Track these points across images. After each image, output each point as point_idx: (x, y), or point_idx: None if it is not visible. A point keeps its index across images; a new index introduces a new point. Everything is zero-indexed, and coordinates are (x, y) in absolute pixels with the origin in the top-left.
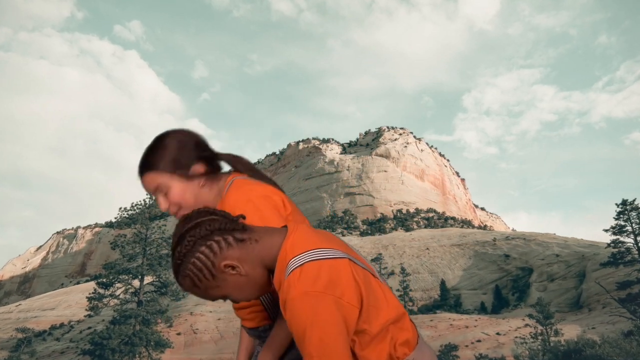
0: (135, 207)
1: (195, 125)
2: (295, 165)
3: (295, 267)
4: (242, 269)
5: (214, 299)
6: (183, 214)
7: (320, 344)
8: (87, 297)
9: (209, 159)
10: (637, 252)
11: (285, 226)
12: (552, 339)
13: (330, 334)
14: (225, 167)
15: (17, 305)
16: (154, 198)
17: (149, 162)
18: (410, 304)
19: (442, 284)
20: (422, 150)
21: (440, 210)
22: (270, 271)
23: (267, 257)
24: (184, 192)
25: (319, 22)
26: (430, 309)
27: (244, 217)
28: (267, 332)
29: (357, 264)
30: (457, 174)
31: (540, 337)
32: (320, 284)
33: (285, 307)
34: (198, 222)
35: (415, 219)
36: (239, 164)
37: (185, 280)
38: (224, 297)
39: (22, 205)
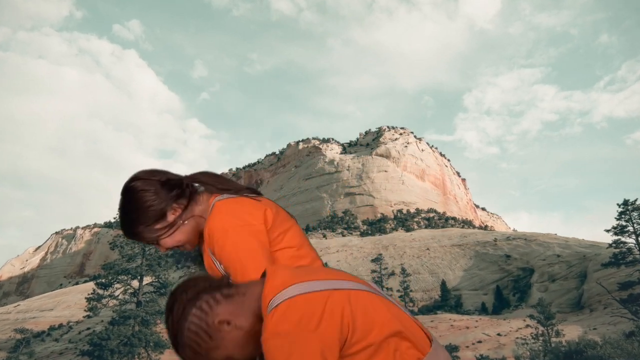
0: None
1: (194, 125)
2: (295, 165)
3: (271, 309)
4: (237, 323)
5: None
6: (186, 248)
7: None
8: (86, 298)
9: (180, 191)
10: (638, 253)
11: (264, 273)
12: (554, 339)
13: None
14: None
15: (15, 306)
16: None
17: (127, 228)
18: (411, 304)
19: (443, 284)
20: (422, 150)
21: (440, 210)
22: None
23: (257, 308)
24: (172, 238)
25: (319, 22)
26: (430, 309)
27: (228, 277)
28: None
29: (343, 289)
30: (458, 174)
31: (541, 338)
32: (291, 322)
33: (263, 351)
34: (183, 289)
35: (416, 219)
36: (209, 182)
37: (186, 351)
38: (227, 358)
39: (21, 205)
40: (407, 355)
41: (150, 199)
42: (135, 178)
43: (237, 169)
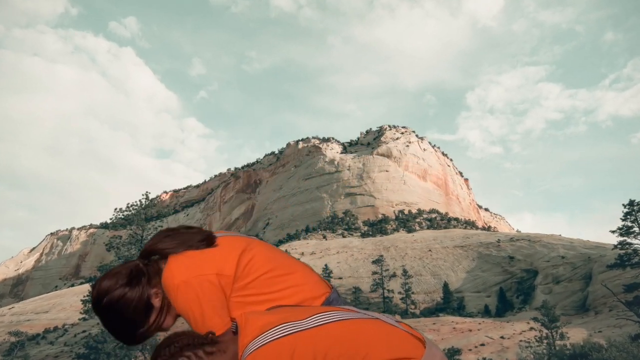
0: (131, 208)
1: (192, 124)
2: (295, 165)
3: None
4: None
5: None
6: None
7: None
8: (81, 300)
9: (146, 275)
10: None
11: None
12: (558, 342)
13: None
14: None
15: (10, 308)
16: (149, 200)
17: (129, 339)
18: (413, 306)
19: (445, 286)
20: (424, 150)
21: (443, 211)
22: None
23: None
24: (170, 315)
25: (318, 18)
26: (432, 312)
27: (213, 333)
28: None
29: (316, 326)
30: (461, 173)
31: (545, 341)
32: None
33: None
34: (168, 343)
35: (418, 220)
36: (165, 247)
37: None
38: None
39: (15, 205)
40: None
41: (132, 302)
42: (104, 293)
43: (235, 168)
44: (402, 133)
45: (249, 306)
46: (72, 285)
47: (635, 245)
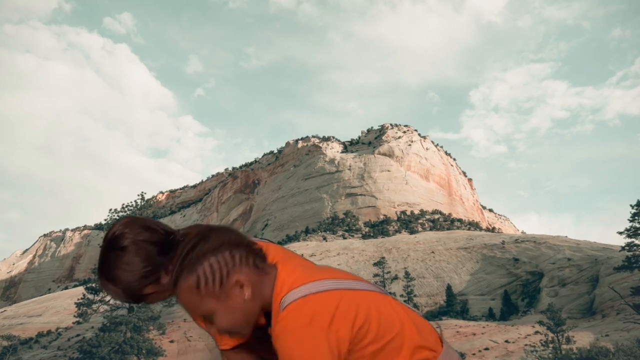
0: (126, 208)
1: (188, 123)
2: (294, 164)
3: (285, 306)
4: (246, 293)
5: (200, 312)
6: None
7: None
8: (75, 303)
9: (171, 258)
10: None
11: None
12: (564, 346)
13: None
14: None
15: (2, 312)
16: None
17: (111, 277)
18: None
19: (448, 289)
20: (427, 149)
21: (446, 211)
22: (267, 316)
23: (266, 296)
24: (158, 295)
25: (318, 14)
26: (435, 315)
27: (262, 250)
28: None
29: (355, 289)
30: (464, 173)
31: (551, 345)
32: (304, 319)
33: (275, 345)
34: (229, 230)
35: (420, 221)
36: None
37: (190, 278)
38: (211, 315)
39: (7, 206)
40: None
41: (147, 261)
42: (130, 233)
43: (233, 168)
44: (405, 132)
45: None
46: (66, 288)
47: None
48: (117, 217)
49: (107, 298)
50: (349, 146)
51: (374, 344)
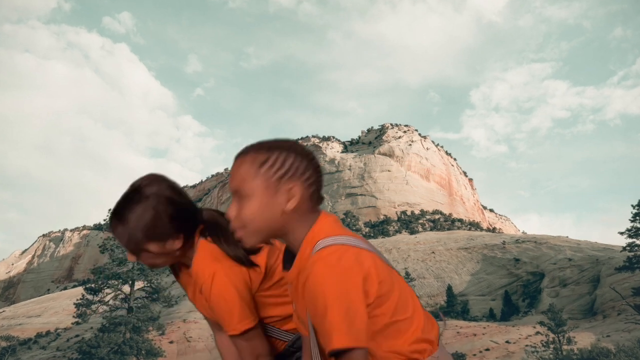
0: None
1: (188, 122)
2: None
3: (324, 246)
4: (289, 206)
5: (238, 184)
6: (151, 267)
7: (346, 317)
8: (74, 304)
9: (188, 228)
10: None
11: (318, 212)
12: (565, 347)
13: (356, 309)
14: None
15: (0, 312)
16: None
17: (123, 218)
18: None
19: (449, 289)
20: (427, 149)
21: (446, 211)
22: (288, 253)
23: (296, 231)
24: (155, 257)
25: (318, 13)
26: (436, 315)
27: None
28: (289, 350)
29: (388, 264)
30: (465, 173)
31: (552, 346)
32: (346, 263)
33: (306, 284)
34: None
35: (421, 221)
36: (216, 232)
37: (263, 153)
38: (246, 195)
39: (6, 206)
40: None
41: (157, 218)
42: (156, 186)
43: None
44: (405, 132)
45: (267, 307)
46: (65, 288)
47: None
48: None
49: (107, 299)
50: (349, 146)
51: (386, 316)
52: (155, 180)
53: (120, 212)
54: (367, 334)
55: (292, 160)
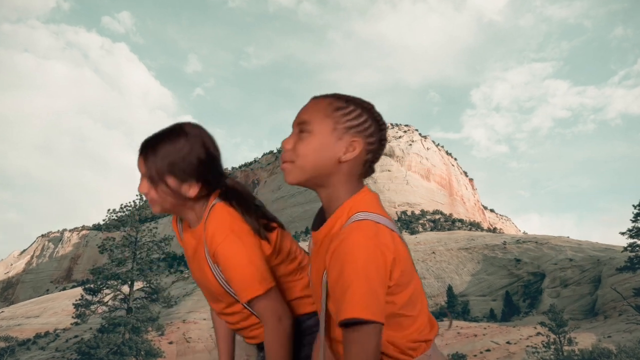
0: (124, 209)
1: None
2: None
3: (362, 219)
4: (347, 156)
5: (307, 119)
6: (154, 207)
7: (370, 289)
8: (73, 304)
9: (209, 182)
10: None
11: (362, 184)
12: (566, 348)
13: (380, 285)
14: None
15: None
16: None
17: (156, 145)
18: None
19: (449, 289)
20: (428, 149)
21: (447, 212)
22: (320, 215)
23: (339, 191)
24: (165, 196)
25: (318, 13)
26: (436, 316)
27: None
28: None
29: (409, 253)
30: (465, 173)
31: (553, 346)
32: (383, 240)
33: (338, 248)
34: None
35: (421, 221)
36: (238, 199)
37: (342, 98)
38: (311, 131)
39: (5, 206)
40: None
41: (186, 157)
42: (198, 133)
43: (232, 168)
44: (405, 131)
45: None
46: (64, 289)
47: None
48: (116, 218)
49: (106, 299)
50: None
51: (396, 306)
52: (198, 126)
53: (154, 139)
54: (383, 312)
55: (365, 119)
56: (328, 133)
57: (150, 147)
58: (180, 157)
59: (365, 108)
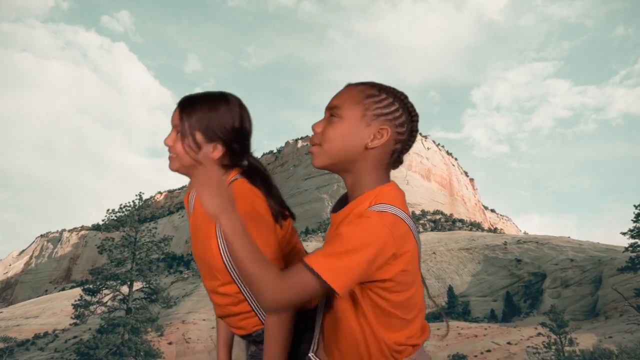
0: (124, 209)
1: None
2: (294, 164)
3: (384, 210)
4: (373, 143)
5: (338, 104)
6: (172, 163)
7: (347, 262)
8: (72, 305)
9: (235, 152)
10: None
11: (388, 178)
12: (567, 349)
13: (358, 263)
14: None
15: None
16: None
17: (197, 102)
18: None
19: (450, 290)
20: (428, 149)
21: (447, 212)
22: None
23: (363, 179)
24: (188, 152)
25: (318, 12)
26: (437, 317)
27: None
28: (261, 335)
29: (419, 258)
30: (466, 173)
31: (554, 347)
32: (396, 230)
33: (353, 219)
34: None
35: (421, 222)
36: (262, 179)
37: (376, 87)
38: (341, 116)
39: (4, 206)
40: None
41: (223, 120)
42: (238, 104)
43: None
44: None
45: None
46: (63, 289)
47: None
48: (115, 218)
49: (105, 300)
50: None
51: (388, 304)
52: (240, 100)
53: (197, 96)
54: (348, 284)
55: (396, 108)
56: (357, 119)
57: (189, 102)
58: (215, 119)
59: (397, 97)
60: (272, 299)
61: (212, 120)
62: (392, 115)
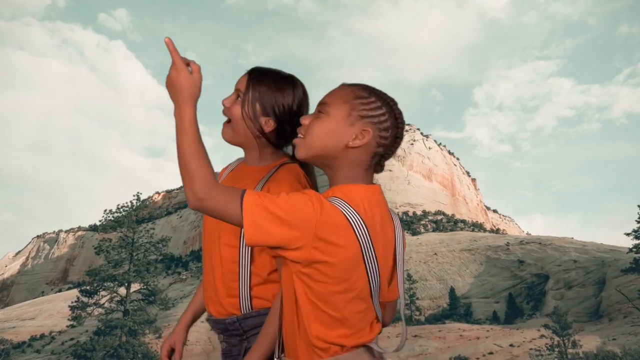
0: (121, 209)
1: None
2: None
3: (338, 203)
4: (355, 143)
5: (326, 101)
6: (226, 131)
7: (275, 212)
8: (69, 306)
9: (283, 131)
10: None
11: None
12: (570, 351)
13: (295, 211)
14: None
15: None
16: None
17: (262, 75)
18: (417, 313)
19: (452, 291)
20: (429, 148)
21: (449, 212)
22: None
23: (342, 173)
24: (245, 118)
25: (318, 10)
26: (438, 318)
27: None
28: (234, 324)
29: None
30: (468, 173)
31: (557, 349)
32: (325, 215)
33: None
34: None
35: (423, 222)
36: (309, 172)
37: (366, 90)
38: (328, 112)
39: (0, 206)
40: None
41: (283, 96)
42: (301, 91)
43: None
44: (406, 131)
45: None
46: (60, 291)
47: None
48: (112, 218)
49: (102, 301)
50: None
51: (312, 292)
52: (305, 88)
53: (269, 71)
54: (258, 243)
55: (382, 113)
56: (342, 118)
57: (260, 74)
58: (278, 97)
59: (386, 102)
60: (198, 197)
61: (275, 98)
62: (377, 119)
